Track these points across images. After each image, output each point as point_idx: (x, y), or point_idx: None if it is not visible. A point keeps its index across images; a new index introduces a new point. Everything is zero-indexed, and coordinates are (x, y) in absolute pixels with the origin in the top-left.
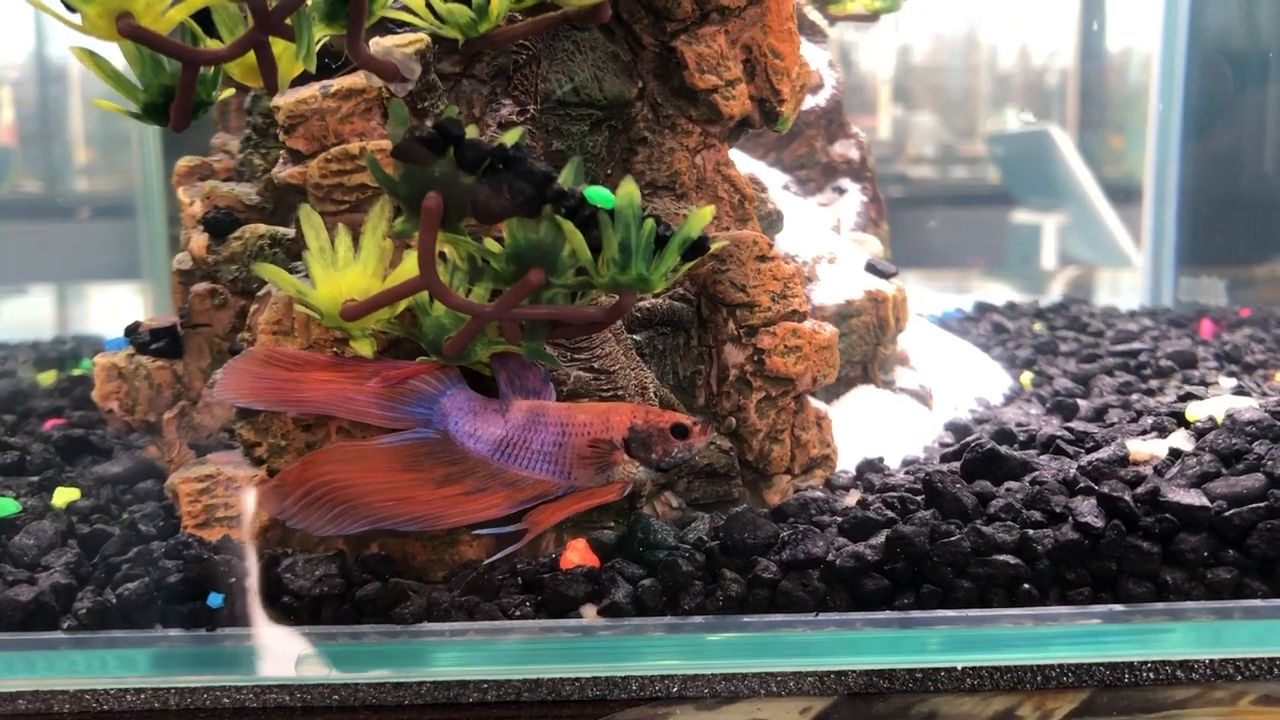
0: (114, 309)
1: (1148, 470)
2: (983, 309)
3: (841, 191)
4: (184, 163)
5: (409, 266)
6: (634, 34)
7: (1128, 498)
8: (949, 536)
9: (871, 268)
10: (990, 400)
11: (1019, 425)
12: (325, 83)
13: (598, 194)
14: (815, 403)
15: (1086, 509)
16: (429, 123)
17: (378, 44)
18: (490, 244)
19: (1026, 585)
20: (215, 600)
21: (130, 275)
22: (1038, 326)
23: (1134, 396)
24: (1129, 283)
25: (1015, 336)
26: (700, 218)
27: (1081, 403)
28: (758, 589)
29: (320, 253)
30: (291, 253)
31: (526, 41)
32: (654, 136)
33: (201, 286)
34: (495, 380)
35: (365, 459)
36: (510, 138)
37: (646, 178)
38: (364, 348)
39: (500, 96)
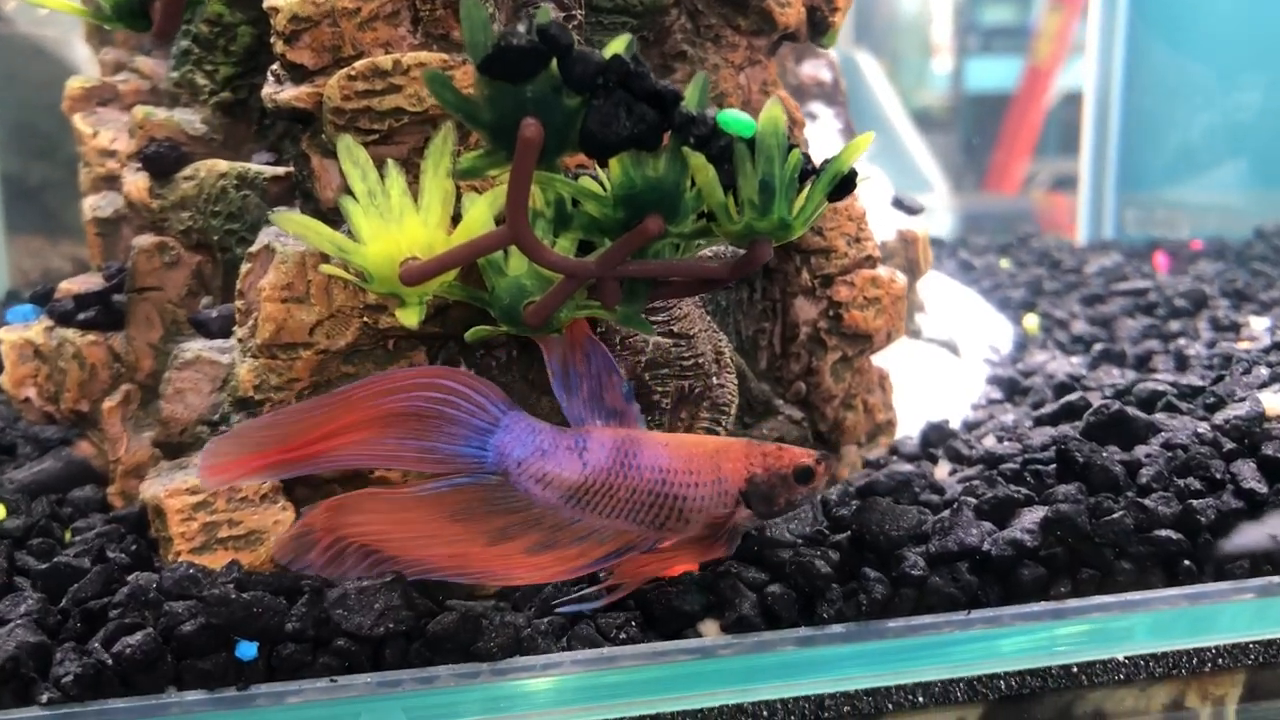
0: None
1: None
2: (935, 245)
3: (813, 117)
4: (76, 84)
5: (478, 215)
6: None
7: None
8: (1110, 514)
9: (899, 203)
10: (1000, 347)
11: (1070, 376)
12: None
13: (732, 119)
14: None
15: (1248, 473)
16: (520, 28)
17: None
18: (588, 183)
19: (1187, 561)
20: (248, 651)
21: None
22: (1004, 263)
23: (1181, 341)
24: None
25: (987, 274)
26: (856, 147)
27: (1110, 347)
28: (904, 588)
29: (369, 198)
30: (271, 195)
31: None
32: (694, 51)
33: (146, 240)
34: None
35: (404, 510)
36: (618, 45)
37: None
38: (410, 317)
39: None
